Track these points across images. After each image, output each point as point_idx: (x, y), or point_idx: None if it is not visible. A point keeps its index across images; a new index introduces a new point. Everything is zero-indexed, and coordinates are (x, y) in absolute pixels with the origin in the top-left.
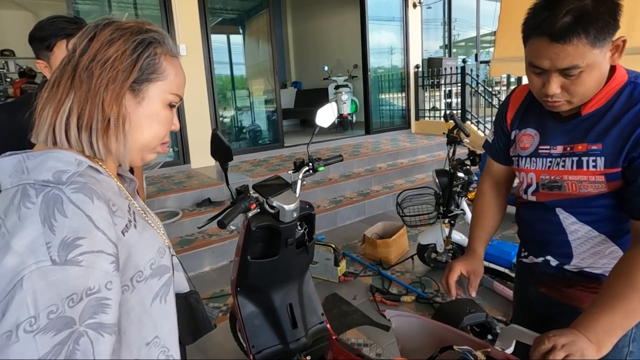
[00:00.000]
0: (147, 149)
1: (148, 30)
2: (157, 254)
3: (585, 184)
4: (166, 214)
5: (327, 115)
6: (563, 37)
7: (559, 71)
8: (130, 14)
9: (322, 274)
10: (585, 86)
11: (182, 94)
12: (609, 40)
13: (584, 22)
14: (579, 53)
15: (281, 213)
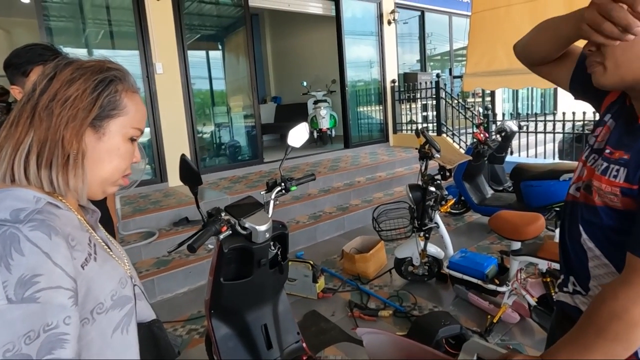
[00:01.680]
0: (108, 183)
1: (109, 68)
2: (119, 284)
3: (601, 192)
4: (142, 235)
5: (300, 135)
6: None
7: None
8: (104, 32)
9: (300, 291)
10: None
11: (142, 128)
12: None
13: None
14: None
15: (254, 234)
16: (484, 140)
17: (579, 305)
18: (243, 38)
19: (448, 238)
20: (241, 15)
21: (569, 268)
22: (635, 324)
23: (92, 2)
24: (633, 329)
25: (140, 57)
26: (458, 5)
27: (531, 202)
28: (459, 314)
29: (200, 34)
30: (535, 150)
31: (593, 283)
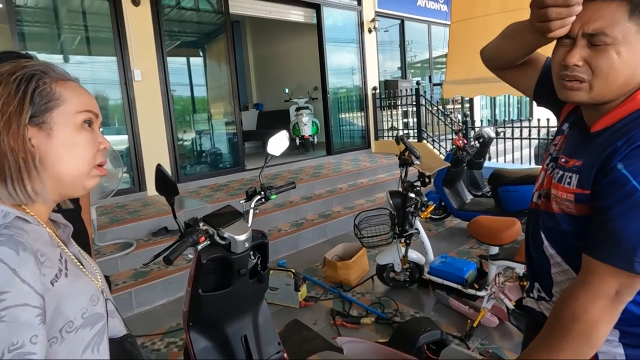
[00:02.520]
0: (81, 176)
1: (24, 66)
2: (90, 302)
3: (558, 199)
4: (119, 246)
5: (280, 143)
6: None
7: (587, 38)
8: (81, 37)
9: (282, 300)
10: (610, 62)
11: (92, 109)
12: None
13: None
14: (608, 16)
15: (232, 244)
16: (463, 146)
17: (543, 311)
18: (224, 45)
19: (428, 243)
20: (222, 22)
21: (533, 275)
22: (596, 323)
23: (68, 7)
24: (595, 328)
25: (118, 64)
26: (436, 14)
27: (509, 207)
28: (440, 319)
29: (181, 41)
30: (512, 155)
31: (556, 289)
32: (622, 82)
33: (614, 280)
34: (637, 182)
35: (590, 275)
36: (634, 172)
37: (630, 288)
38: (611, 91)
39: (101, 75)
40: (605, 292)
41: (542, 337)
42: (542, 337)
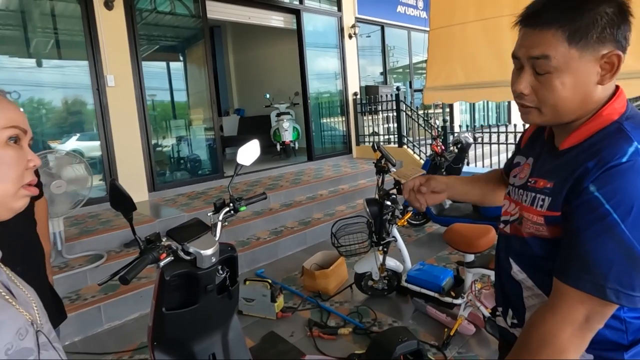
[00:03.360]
0: (5, 198)
1: None
2: (16, 336)
3: (529, 223)
4: (89, 258)
5: (251, 153)
6: (536, 21)
7: (532, 64)
8: (51, 41)
9: (259, 312)
10: (554, 93)
11: (19, 124)
12: (590, 48)
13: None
14: (549, 43)
15: (198, 259)
16: (441, 152)
17: (515, 334)
18: (202, 50)
19: (406, 251)
20: (200, 27)
21: (506, 301)
22: (565, 350)
23: (38, 10)
24: (563, 354)
25: (90, 68)
26: (416, 21)
27: (486, 212)
28: (418, 327)
29: (158, 46)
30: (490, 160)
31: (528, 315)
32: (574, 106)
33: (584, 307)
34: (609, 205)
35: (559, 299)
36: (606, 194)
37: (600, 315)
38: (566, 115)
39: (72, 80)
40: (574, 318)
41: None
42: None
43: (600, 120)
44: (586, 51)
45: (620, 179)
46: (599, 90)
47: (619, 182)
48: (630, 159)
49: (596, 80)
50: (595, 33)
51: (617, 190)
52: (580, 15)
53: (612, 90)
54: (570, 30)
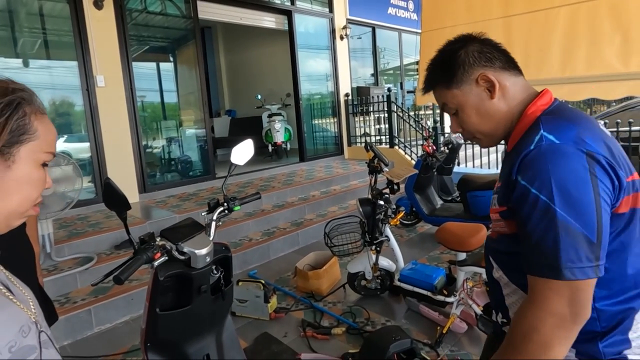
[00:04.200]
0: (15, 215)
1: (14, 89)
2: (19, 333)
3: (494, 223)
4: (78, 261)
5: (244, 152)
6: (427, 88)
7: (447, 112)
8: (40, 41)
9: (252, 313)
10: (469, 123)
11: (54, 151)
12: (464, 81)
13: (432, 73)
14: (442, 95)
15: (192, 259)
16: (432, 152)
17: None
18: (194, 51)
19: (399, 250)
20: (191, 27)
21: (494, 303)
22: (547, 344)
23: (26, 10)
24: (545, 348)
25: (79, 69)
26: (406, 22)
27: (477, 212)
28: (410, 326)
29: (149, 46)
30: (480, 160)
31: (511, 313)
32: (489, 123)
33: (555, 294)
34: (535, 189)
35: (535, 294)
36: (529, 180)
37: (575, 298)
38: (491, 132)
39: (61, 80)
40: (551, 309)
41: (498, 355)
42: (498, 355)
43: (526, 119)
44: (463, 85)
45: (533, 164)
46: (497, 102)
47: (533, 166)
48: (536, 145)
49: (488, 98)
50: (460, 70)
51: (535, 174)
52: (443, 68)
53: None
54: (444, 81)
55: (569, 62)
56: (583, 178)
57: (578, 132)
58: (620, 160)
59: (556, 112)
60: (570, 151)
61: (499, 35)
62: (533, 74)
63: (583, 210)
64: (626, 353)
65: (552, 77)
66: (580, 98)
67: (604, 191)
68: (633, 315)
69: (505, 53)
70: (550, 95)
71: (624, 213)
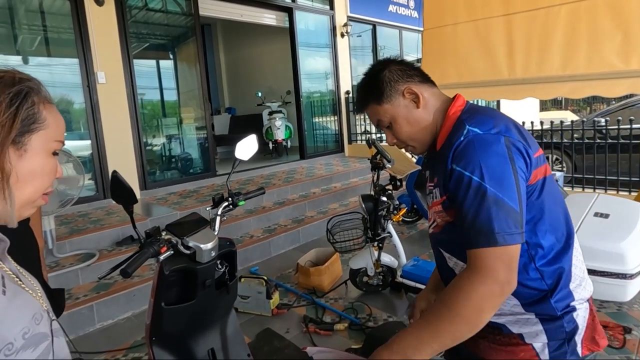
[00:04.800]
0: (28, 204)
1: (21, 79)
2: (32, 321)
3: (436, 215)
4: (80, 257)
5: (249, 148)
6: (361, 107)
7: (382, 127)
8: (40, 38)
9: (254, 309)
10: (402, 132)
11: (63, 140)
12: (393, 95)
13: (363, 93)
14: (375, 112)
15: (198, 253)
16: None
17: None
18: (194, 48)
19: (401, 247)
20: (192, 24)
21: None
22: (480, 308)
23: (26, 7)
24: (479, 313)
25: (80, 66)
26: (407, 20)
27: None
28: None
29: (149, 43)
30: None
31: None
32: (420, 131)
33: (494, 260)
34: (468, 172)
35: (474, 262)
36: (463, 166)
37: (510, 263)
38: (423, 138)
39: (62, 77)
40: (493, 275)
41: (427, 316)
42: (427, 316)
43: (450, 120)
44: (391, 99)
45: (464, 152)
46: (422, 111)
47: (465, 154)
48: (464, 136)
49: (415, 107)
50: (387, 87)
51: (468, 160)
52: (372, 87)
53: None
54: (374, 98)
55: (570, 60)
56: (504, 159)
57: (494, 123)
58: (529, 140)
59: (472, 111)
60: (492, 139)
61: (501, 33)
62: (534, 72)
63: (507, 186)
64: (573, 305)
65: (554, 75)
66: (582, 96)
67: (520, 169)
68: (568, 269)
69: (419, 70)
70: (463, 99)
71: (536, 182)
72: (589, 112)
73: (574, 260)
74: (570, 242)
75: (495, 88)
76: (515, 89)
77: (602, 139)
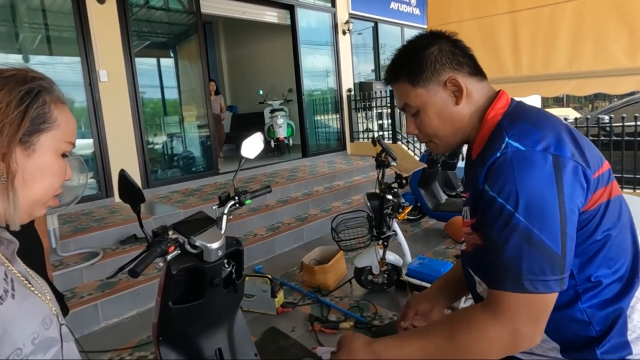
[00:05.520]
0: (37, 205)
1: (33, 78)
2: (42, 325)
3: (465, 235)
4: (84, 256)
5: (254, 146)
6: (389, 80)
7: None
8: (42, 36)
9: (259, 307)
10: (429, 125)
11: (74, 141)
12: (433, 81)
13: (398, 65)
14: (404, 92)
15: (205, 252)
16: None
17: None
18: (196, 46)
19: (406, 245)
20: (194, 22)
21: None
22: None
23: (27, 5)
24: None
25: (82, 64)
26: (409, 17)
27: None
28: None
29: (151, 41)
30: None
31: None
32: (450, 129)
33: (515, 308)
34: (502, 198)
35: (491, 302)
36: (496, 190)
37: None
38: (450, 138)
39: (64, 76)
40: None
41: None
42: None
43: (488, 124)
44: (429, 85)
45: (500, 172)
46: (461, 108)
47: (500, 175)
48: (502, 152)
49: (453, 103)
50: (430, 69)
51: (502, 183)
52: (412, 62)
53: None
54: (409, 76)
55: (575, 57)
56: (550, 185)
57: (542, 134)
58: (588, 153)
59: (517, 115)
60: (536, 158)
61: (506, 31)
62: (540, 69)
63: (548, 221)
64: (629, 359)
65: (559, 72)
66: (587, 93)
67: (570, 197)
68: (625, 314)
69: (472, 58)
70: (507, 97)
71: (597, 207)
72: (591, 109)
73: (636, 303)
74: (636, 280)
75: (501, 85)
76: (521, 86)
77: (606, 136)
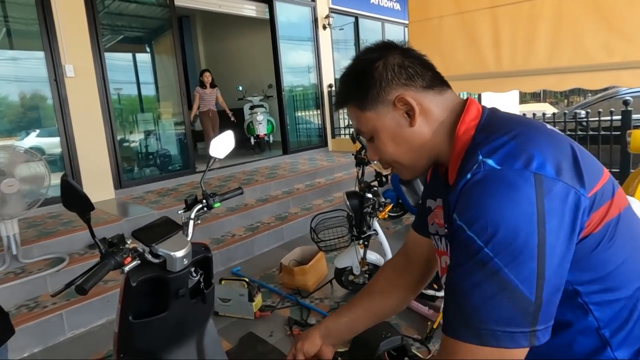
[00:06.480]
0: None
1: None
2: None
3: (443, 269)
4: (49, 262)
5: (224, 145)
6: (338, 105)
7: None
8: (1, 30)
9: (235, 312)
10: (384, 152)
11: None
12: (380, 102)
13: (344, 87)
14: (355, 117)
15: (168, 261)
16: None
17: None
18: (171, 41)
19: (387, 244)
20: (168, 16)
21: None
22: None
23: None
24: None
25: (46, 59)
26: (390, 12)
27: None
28: (400, 321)
29: (123, 35)
30: None
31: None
32: (410, 154)
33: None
34: (471, 232)
35: (443, 353)
36: (465, 221)
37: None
38: (413, 163)
39: (27, 71)
40: None
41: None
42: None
43: (461, 142)
44: (377, 107)
45: (470, 198)
46: (418, 129)
47: (470, 202)
48: (472, 174)
49: (408, 124)
50: (375, 89)
51: (472, 213)
52: (357, 83)
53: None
54: (355, 99)
55: (554, 53)
56: (527, 218)
57: (521, 147)
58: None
59: (492, 126)
60: (514, 179)
61: (487, 26)
62: (520, 64)
63: (523, 259)
64: None
65: (539, 68)
66: (565, 88)
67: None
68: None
69: (429, 67)
70: (476, 106)
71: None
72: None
73: None
74: None
75: (482, 81)
76: (501, 81)
77: (583, 130)
